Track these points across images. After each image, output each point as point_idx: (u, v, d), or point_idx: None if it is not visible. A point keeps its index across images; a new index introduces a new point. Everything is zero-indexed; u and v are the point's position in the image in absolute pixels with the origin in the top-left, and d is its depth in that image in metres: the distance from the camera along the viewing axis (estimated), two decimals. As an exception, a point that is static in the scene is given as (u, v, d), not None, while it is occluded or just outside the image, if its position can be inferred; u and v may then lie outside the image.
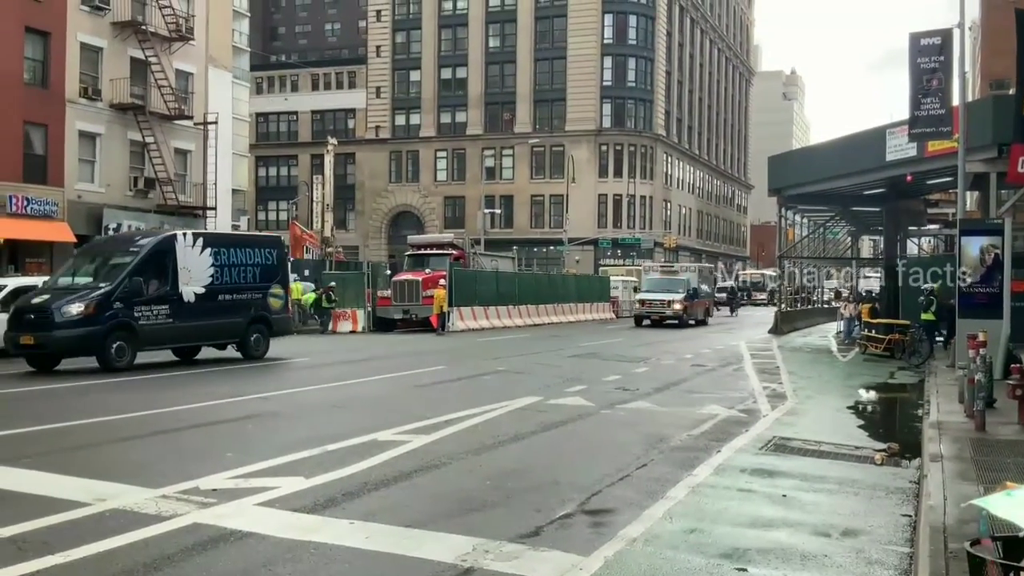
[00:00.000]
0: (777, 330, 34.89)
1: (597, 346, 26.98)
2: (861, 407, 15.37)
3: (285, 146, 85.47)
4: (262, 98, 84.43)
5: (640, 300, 39.99)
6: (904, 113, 23.76)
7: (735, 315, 51.11)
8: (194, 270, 19.55)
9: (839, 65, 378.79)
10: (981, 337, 11.76)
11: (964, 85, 20.65)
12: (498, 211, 71.48)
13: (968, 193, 23.85)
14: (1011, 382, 11.43)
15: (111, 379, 17.05)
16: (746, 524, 7.17)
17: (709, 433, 11.56)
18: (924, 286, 22.65)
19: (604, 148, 74.37)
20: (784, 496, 8.15)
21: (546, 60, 75.91)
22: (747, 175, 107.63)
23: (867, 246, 63.02)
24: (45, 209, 30.81)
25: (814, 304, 49.81)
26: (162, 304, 18.84)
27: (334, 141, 54.73)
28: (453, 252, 37.96)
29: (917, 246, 45.63)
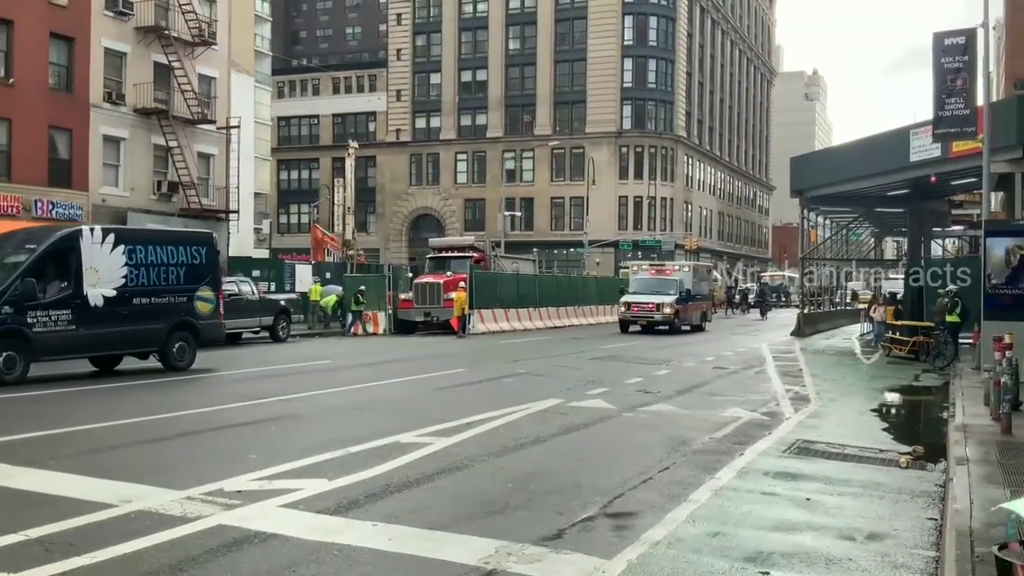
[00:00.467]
0: (799, 332, 34.69)
1: (618, 348, 26.92)
2: (885, 410, 15.25)
3: (306, 149, 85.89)
4: (283, 102, 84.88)
5: (625, 303, 35.82)
6: (927, 113, 23.60)
7: (766, 318, 49.45)
8: (103, 270, 17.42)
9: (859, 65, 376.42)
10: (1007, 339, 11.64)
11: (988, 85, 20.48)
12: (518, 213, 71.49)
13: (993, 194, 23.65)
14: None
15: (132, 382, 17.20)
16: (770, 527, 7.14)
17: (732, 436, 11.51)
18: (947, 288, 22.45)
19: (624, 150, 74.22)
20: (808, 499, 8.10)
21: (566, 62, 75.86)
22: (769, 176, 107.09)
23: (890, 247, 62.61)
24: (70, 213, 31.10)
25: (837, 306, 49.46)
26: (62, 309, 16.77)
27: (355, 144, 54.97)
28: (474, 255, 38.00)
29: (941, 247, 45.24)
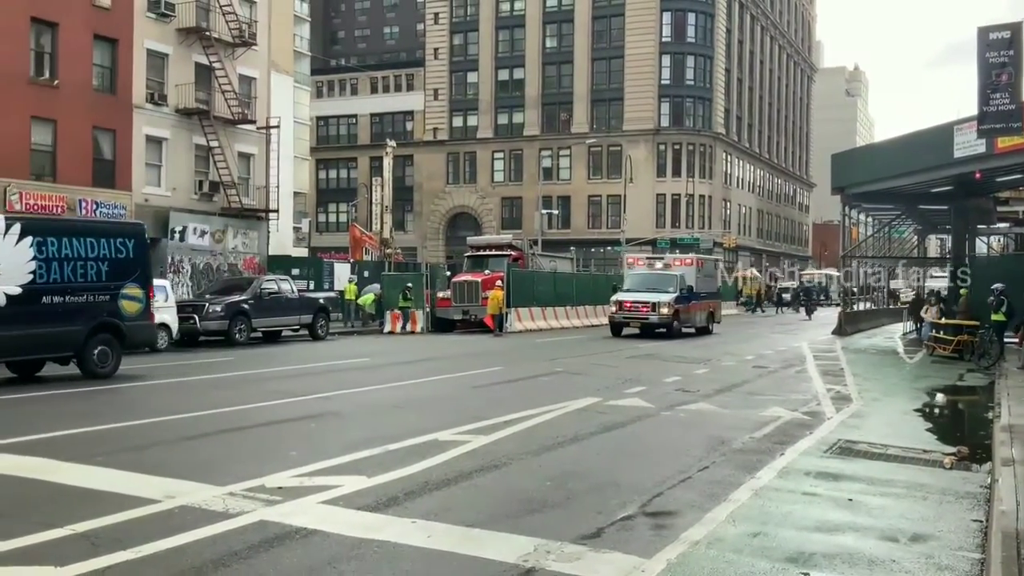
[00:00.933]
0: (841, 331, 34.27)
1: (655, 347, 26.78)
2: (929, 410, 15.02)
3: (344, 149, 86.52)
4: (322, 102, 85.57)
5: (616, 302, 31.27)
6: (971, 108, 23.17)
7: (811, 318, 47.48)
8: (6, 265, 15.77)
9: (901, 60, 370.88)
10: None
11: (1036, 79, 20.03)
12: (555, 212, 71.41)
13: (1040, 190, 23.19)
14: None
15: (170, 380, 17.46)
16: (811, 528, 7.07)
17: (772, 436, 11.40)
18: (994, 286, 22.03)
19: (662, 147, 73.85)
20: (850, 500, 8.01)
21: (603, 60, 75.63)
22: (809, 173, 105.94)
23: (934, 245, 61.60)
24: (114, 213, 31.59)
25: (879, 305, 48.77)
26: None
27: (393, 143, 55.26)
28: (512, 253, 38.02)
29: (987, 245, 44.44)
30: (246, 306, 27.04)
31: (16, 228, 16.12)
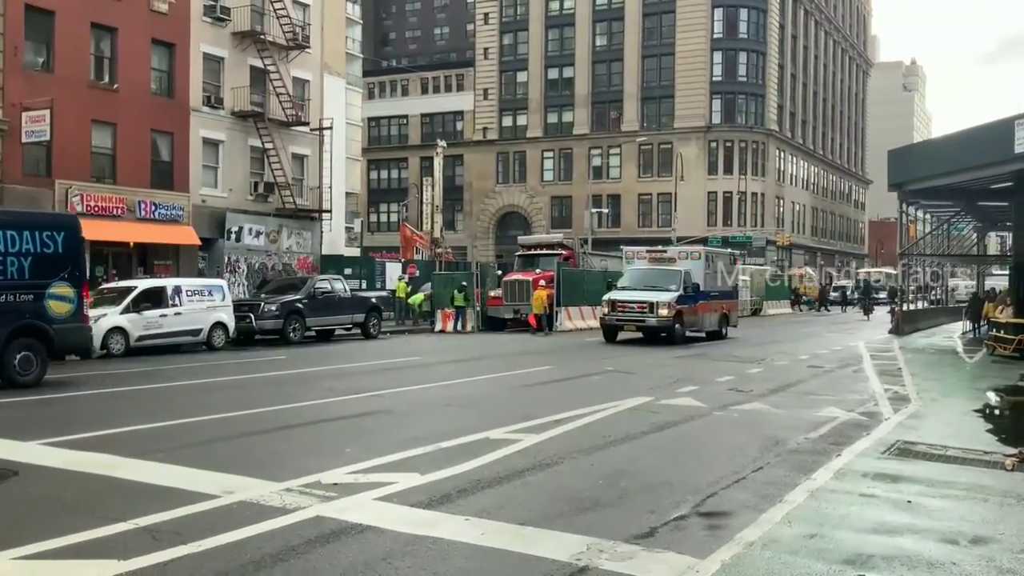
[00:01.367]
0: (898, 330, 33.66)
1: (707, 346, 26.57)
2: (989, 410, 14.68)
3: (395, 149, 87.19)
4: (373, 103, 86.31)
5: (608, 301, 27.38)
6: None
7: (869, 318, 45.72)
8: None
9: (958, 55, 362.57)
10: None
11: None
12: (605, 210, 71.12)
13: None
14: None
15: (227, 377, 17.76)
16: (869, 530, 6.96)
17: (828, 436, 11.25)
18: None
19: (714, 145, 73.18)
20: (909, 502, 7.87)
21: (654, 57, 75.17)
22: (865, 170, 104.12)
23: (994, 243, 60.16)
24: (172, 213, 32.24)
25: (938, 304, 47.77)
26: None
27: (443, 143, 55.52)
28: (563, 252, 38.01)
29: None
30: (300, 305, 27.41)
31: None
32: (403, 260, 46.55)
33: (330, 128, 40.77)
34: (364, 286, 38.24)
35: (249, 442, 10.64)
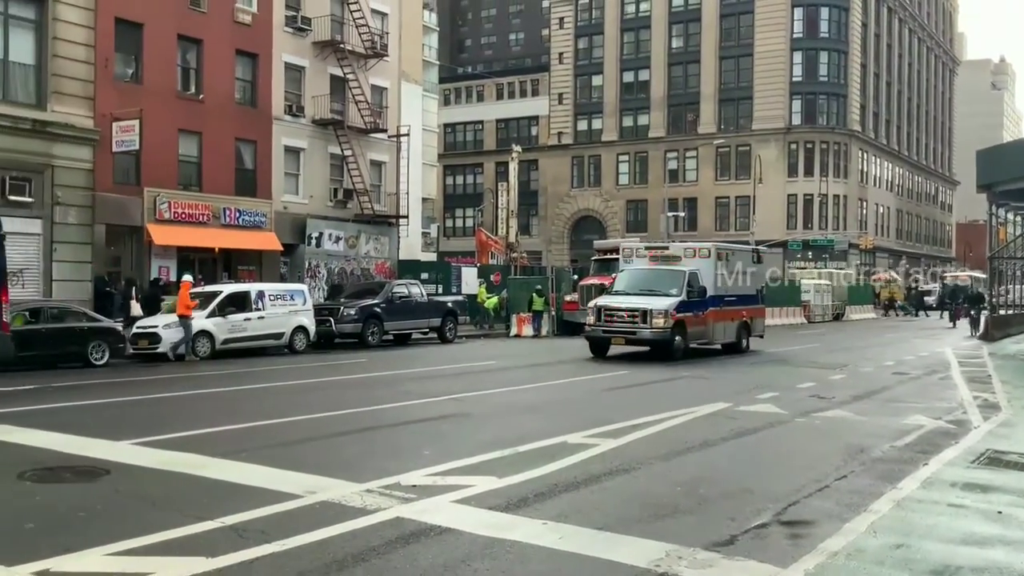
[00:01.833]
0: (987, 336, 32.53)
1: (787, 352, 26.09)
2: (1087, 420, 14.08)
3: (471, 155, 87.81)
4: (449, 109, 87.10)
5: (595, 309, 23.09)
6: None
7: (955, 325, 42.05)
8: None
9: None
10: None
11: None
12: (681, 214, 70.44)
13: None
14: None
15: (309, 380, 18.10)
16: (957, 541, 6.75)
17: (914, 445, 10.95)
18: None
19: (794, 146, 71.86)
20: (1000, 513, 7.61)
21: (731, 58, 74.21)
22: (952, 171, 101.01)
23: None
24: (255, 220, 33.00)
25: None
26: None
27: (518, 148, 55.69)
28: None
29: None
30: (378, 309, 27.79)
31: None
32: (479, 264, 46.82)
33: (407, 135, 41.26)
34: (440, 291, 38.57)
35: (331, 443, 10.84)
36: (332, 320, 26.74)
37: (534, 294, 33.81)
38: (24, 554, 6.11)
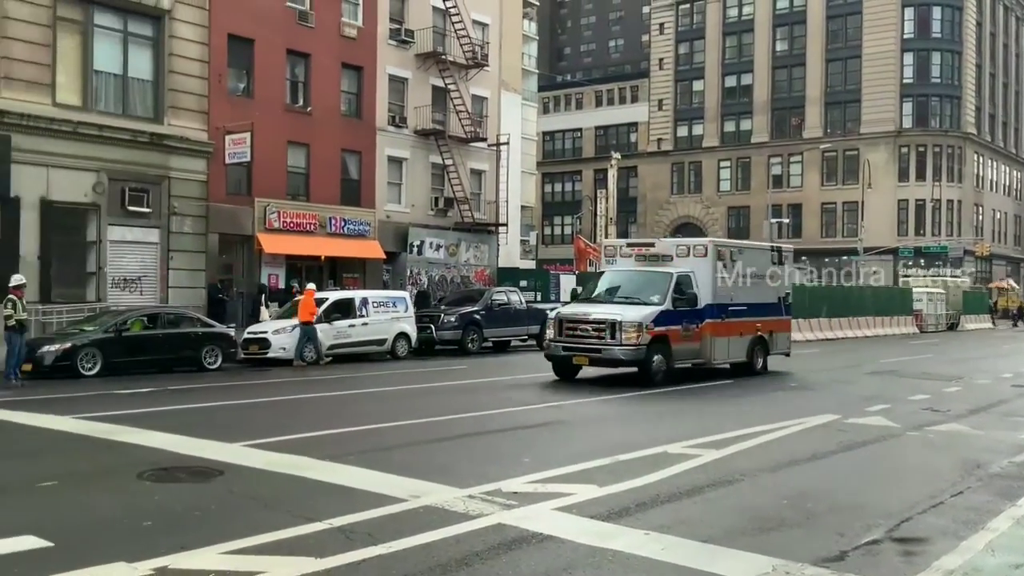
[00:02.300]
0: (1116, 348, 30.82)
1: (899, 363, 25.24)
2: None
3: (569, 162, 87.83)
4: (548, 117, 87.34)
5: (558, 318, 19.31)
6: None
7: None
8: None
9: None
10: None
11: None
12: (785, 220, 68.89)
13: None
14: None
15: (412, 386, 18.38)
16: (1085, 564, 6.43)
17: (1035, 461, 10.47)
18: None
19: (904, 150, 69.48)
20: None
21: (838, 60, 72.26)
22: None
23: None
24: (359, 229, 33.73)
25: None
26: None
27: (617, 156, 55.54)
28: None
29: None
30: (478, 316, 28.06)
31: None
32: (577, 272, 46.75)
33: (507, 143, 41.53)
34: (539, 298, 38.66)
35: (432, 448, 10.99)
36: (433, 327, 27.12)
37: None
38: (144, 551, 6.36)
